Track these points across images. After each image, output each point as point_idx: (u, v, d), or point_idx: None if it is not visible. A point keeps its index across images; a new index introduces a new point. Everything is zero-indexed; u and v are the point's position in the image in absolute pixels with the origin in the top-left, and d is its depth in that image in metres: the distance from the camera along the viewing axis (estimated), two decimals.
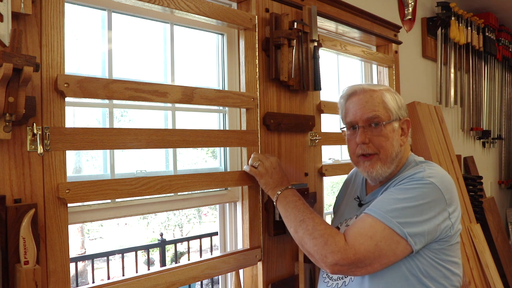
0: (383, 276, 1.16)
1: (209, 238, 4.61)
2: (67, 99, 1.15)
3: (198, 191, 1.57)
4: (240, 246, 1.65)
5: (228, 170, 1.68)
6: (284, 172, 1.47)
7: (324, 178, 1.98)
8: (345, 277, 1.26)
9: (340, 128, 1.41)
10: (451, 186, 1.21)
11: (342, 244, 1.11)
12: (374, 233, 1.10)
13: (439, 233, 1.15)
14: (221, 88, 1.70)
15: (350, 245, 1.10)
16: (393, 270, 1.16)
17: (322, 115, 1.94)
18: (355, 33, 2.30)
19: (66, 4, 1.15)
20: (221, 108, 1.68)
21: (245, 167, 1.52)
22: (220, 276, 1.67)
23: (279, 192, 1.38)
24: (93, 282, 3.06)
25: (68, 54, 1.20)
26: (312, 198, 1.80)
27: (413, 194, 1.14)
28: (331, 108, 1.95)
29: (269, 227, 1.63)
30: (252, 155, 1.52)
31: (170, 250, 5.81)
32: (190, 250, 4.56)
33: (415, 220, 1.11)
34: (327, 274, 1.35)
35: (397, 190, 1.18)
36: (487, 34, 3.69)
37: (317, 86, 1.81)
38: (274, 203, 1.40)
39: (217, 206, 1.71)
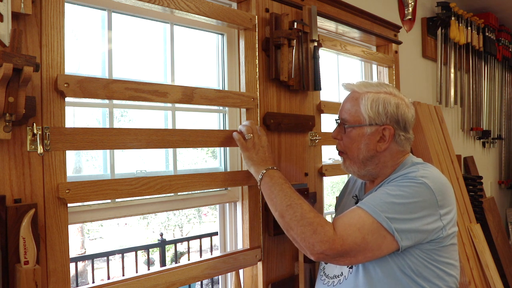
0: (376, 274, 1.17)
1: (209, 238, 4.61)
2: (67, 99, 1.15)
3: (198, 191, 1.57)
4: (240, 246, 1.65)
5: (228, 170, 1.68)
6: (272, 154, 1.43)
7: (324, 178, 1.98)
8: (340, 276, 1.26)
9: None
10: (444, 188, 1.20)
11: (331, 234, 1.11)
12: (362, 225, 1.11)
13: (429, 234, 1.15)
14: (221, 88, 1.70)
15: (338, 235, 1.11)
16: (385, 269, 1.16)
17: (322, 115, 1.95)
18: (355, 33, 2.30)
19: (66, 4, 1.15)
20: (221, 108, 1.68)
21: (234, 134, 1.45)
22: (220, 276, 1.67)
23: (264, 171, 1.33)
24: (93, 282, 3.07)
25: (68, 54, 1.20)
26: (312, 198, 1.80)
27: (404, 191, 1.15)
28: (331, 108, 1.95)
29: (269, 227, 1.63)
30: (246, 123, 1.46)
31: (170, 250, 5.81)
32: (190, 250, 4.56)
33: (403, 217, 1.12)
34: (324, 272, 1.35)
35: (389, 186, 1.19)
36: (487, 34, 3.69)
37: (317, 86, 1.81)
38: (258, 182, 1.34)
39: (217, 206, 1.71)
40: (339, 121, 1.35)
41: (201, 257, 1.82)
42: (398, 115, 1.28)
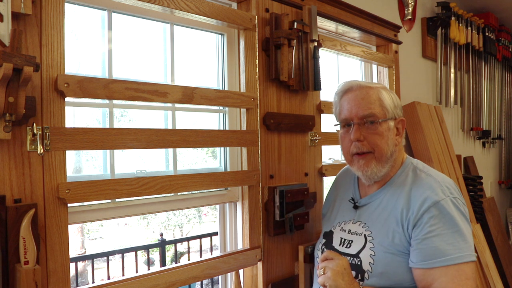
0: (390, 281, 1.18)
1: (209, 238, 4.61)
2: (67, 99, 1.15)
3: (198, 191, 1.57)
4: (240, 246, 1.65)
5: (228, 170, 1.68)
6: (351, 275, 1.18)
7: (324, 178, 1.98)
8: None
9: (334, 125, 1.38)
10: (455, 185, 1.25)
11: None
12: (466, 274, 1.11)
13: None
14: (221, 88, 1.70)
15: None
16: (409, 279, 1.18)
17: (322, 115, 1.95)
18: (355, 33, 2.30)
19: (66, 4, 1.15)
20: (221, 108, 1.68)
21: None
22: (220, 276, 1.67)
23: None
24: (93, 282, 3.06)
25: (68, 54, 1.20)
26: (312, 198, 1.80)
27: (457, 219, 1.16)
28: (331, 108, 1.94)
29: (269, 227, 1.63)
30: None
31: (170, 250, 5.81)
32: (190, 250, 4.55)
33: (469, 238, 1.16)
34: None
35: (443, 226, 1.15)
36: (487, 34, 3.69)
37: (317, 86, 1.81)
38: None
39: (217, 206, 1.71)
40: (353, 122, 1.27)
41: (201, 257, 1.82)
42: (401, 107, 1.33)
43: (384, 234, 1.21)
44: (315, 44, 1.80)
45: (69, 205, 1.14)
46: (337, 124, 1.36)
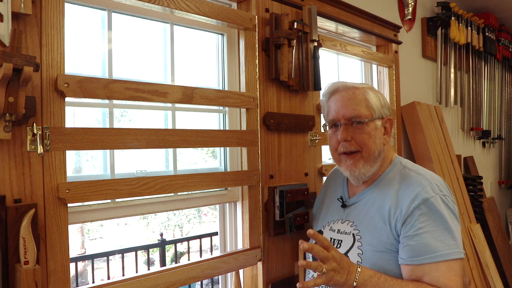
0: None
1: (209, 238, 4.61)
2: (67, 99, 1.15)
3: (198, 191, 1.57)
4: (240, 246, 1.65)
5: (228, 170, 1.68)
6: (344, 256, 1.17)
7: (324, 178, 1.98)
8: None
9: (322, 125, 1.39)
10: (444, 182, 1.27)
11: None
12: (455, 271, 1.13)
13: None
14: (221, 88, 1.70)
15: None
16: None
17: (322, 115, 1.94)
18: (355, 33, 2.30)
19: (66, 4, 1.15)
20: (221, 108, 1.68)
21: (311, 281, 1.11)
22: (220, 276, 1.67)
23: (355, 283, 1.13)
24: (93, 282, 3.06)
25: (68, 54, 1.20)
26: (312, 198, 1.80)
27: (446, 217, 1.16)
28: None
29: (269, 227, 1.63)
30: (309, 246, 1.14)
31: (170, 250, 5.81)
32: (190, 250, 4.55)
33: (458, 235, 1.17)
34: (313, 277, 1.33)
35: (433, 223, 1.16)
36: (487, 34, 3.69)
37: (317, 86, 1.81)
38: None
39: (217, 206, 1.71)
40: (340, 122, 1.28)
41: (201, 257, 1.82)
42: (389, 107, 1.33)
43: (372, 232, 1.23)
44: (315, 44, 1.80)
45: (69, 205, 1.14)
46: (326, 125, 1.37)
